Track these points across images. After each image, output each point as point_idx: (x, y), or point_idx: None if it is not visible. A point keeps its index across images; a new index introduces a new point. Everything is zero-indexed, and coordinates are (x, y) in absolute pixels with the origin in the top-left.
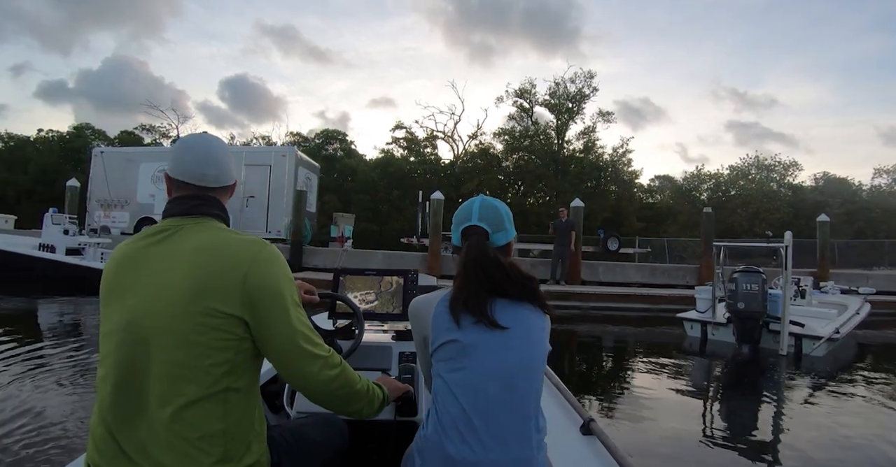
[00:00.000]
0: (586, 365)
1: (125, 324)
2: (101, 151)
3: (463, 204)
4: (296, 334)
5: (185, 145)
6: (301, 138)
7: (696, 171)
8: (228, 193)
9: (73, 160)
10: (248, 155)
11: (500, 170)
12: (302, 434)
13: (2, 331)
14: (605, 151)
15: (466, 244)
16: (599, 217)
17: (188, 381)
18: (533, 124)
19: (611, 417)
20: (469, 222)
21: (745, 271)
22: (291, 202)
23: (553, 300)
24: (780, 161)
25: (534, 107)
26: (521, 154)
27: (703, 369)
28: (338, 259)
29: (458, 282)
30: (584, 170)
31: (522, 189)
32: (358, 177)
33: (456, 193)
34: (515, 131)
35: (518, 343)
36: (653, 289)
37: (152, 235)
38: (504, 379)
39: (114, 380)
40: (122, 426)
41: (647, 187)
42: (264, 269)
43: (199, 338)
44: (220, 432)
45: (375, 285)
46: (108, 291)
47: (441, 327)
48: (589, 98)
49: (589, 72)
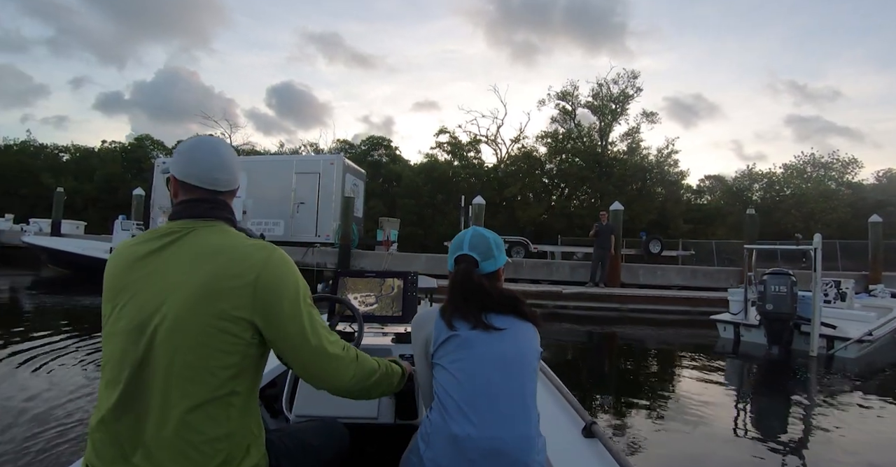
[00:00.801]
0: (610, 366)
1: (134, 325)
2: (164, 161)
3: (457, 235)
4: (310, 335)
5: (195, 149)
6: (347, 145)
7: (748, 170)
8: (233, 196)
9: (134, 169)
10: (298, 163)
11: (544, 173)
12: (301, 438)
13: (87, 325)
14: (649, 152)
15: (456, 270)
16: (644, 219)
17: (195, 384)
18: (576, 126)
19: (625, 418)
20: (460, 251)
21: (773, 273)
22: (339, 208)
23: (591, 301)
24: (839, 158)
25: (576, 109)
26: (564, 156)
27: (728, 370)
28: (383, 262)
29: (446, 302)
30: (629, 172)
31: (566, 191)
32: (403, 182)
33: (499, 197)
34: (558, 134)
35: (511, 338)
36: (693, 292)
37: (163, 237)
38: (501, 366)
39: (118, 382)
40: (125, 428)
41: (697, 188)
42: (275, 273)
43: (208, 340)
44: (224, 436)
45: (375, 287)
46: (115, 291)
47: (443, 328)
48: (633, 98)
49: (632, 72)
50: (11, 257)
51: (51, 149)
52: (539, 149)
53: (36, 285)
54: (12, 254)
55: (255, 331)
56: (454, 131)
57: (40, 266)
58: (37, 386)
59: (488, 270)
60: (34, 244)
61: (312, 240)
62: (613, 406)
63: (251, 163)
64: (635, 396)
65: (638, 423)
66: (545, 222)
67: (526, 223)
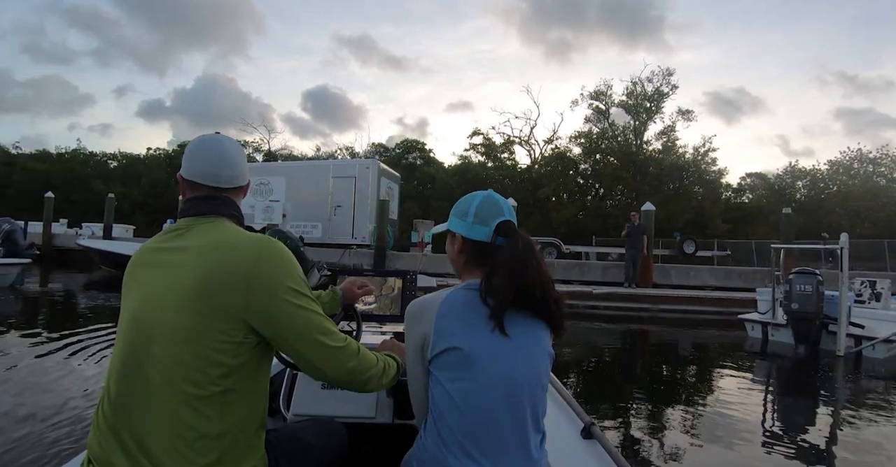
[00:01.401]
0: (630, 365)
1: (131, 319)
2: None
3: (475, 195)
4: (309, 328)
5: (199, 146)
6: (382, 148)
7: (790, 167)
8: (242, 193)
9: (177, 174)
10: (334, 168)
11: (578, 174)
12: (299, 438)
13: None
14: (686, 151)
15: (514, 241)
16: (681, 219)
17: (187, 380)
18: (610, 126)
19: (638, 418)
20: (503, 217)
21: (799, 272)
22: (375, 210)
23: (622, 302)
24: (888, 153)
25: (610, 108)
26: (598, 156)
27: (751, 369)
28: (418, 263)
29: (504, 282)
30: (664, 171)
31: (601, 192)
32: (437, 184)
33: (532, 198)
34: (592, 134)
35: (523, 354)
36: (726, 293)
37: (166, 234)
38: (507, 391)
39: (118, 373)
40: (123, 419)
41: (737, 186)
42: (269, 267)
43: (199, 336)
44: (216, 434)
45: (375, 286)
46: (124, 286)
47: (443, 331)
48: (668, 96)
49: (667, 69)
50: (67, 259)
51: (100, 156)
52: (573, 149)
53: (89, 285)
54: (67, 256)
55: (249, 329)
56: (488, 133)
57: (93, 267)
58: (91, 371)
59: None
60: (88, 247)
61: (349, 241)
62: (629, 405)
63: (290, 168)
64: (651, 396)
65: (651, 423)
66: (579, 223)
67: (560, 224)
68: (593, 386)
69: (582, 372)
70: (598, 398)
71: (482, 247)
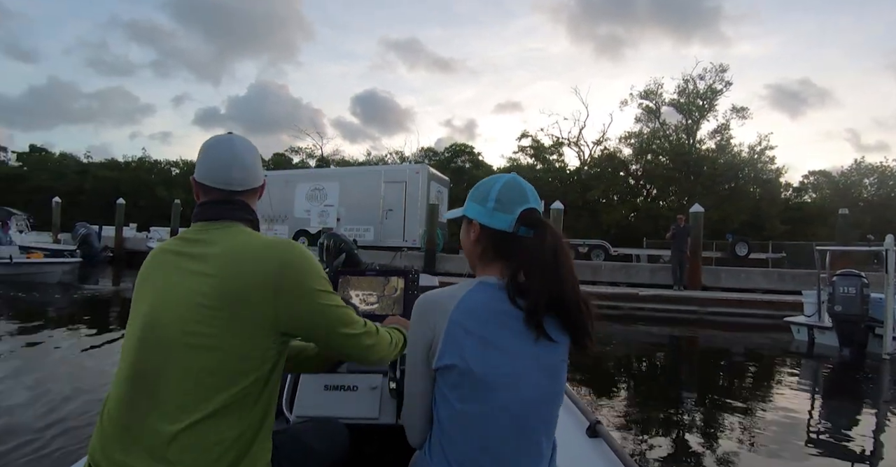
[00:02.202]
0: (667, 366)
1: (147, 326)
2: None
3: (498, 178)
4: (334, 324)
5: (210, 148)
6: (431, 152)
7: (856, 164)
8: (257, 195)
9: None
10: (385, 173)
11: (628, 175)
12: (302, 440)
13: None
14: (741, 149)
15: (541, 232)
16: (736, 220)
17: (211, 388)
18: (661, 125)
19: (661, 416)
20: (528, 204)
21: (843, 275)
22: (425, 214)
23: (668, 304)
24: None
25: (661, 107)
26: (649, 157)
27: (792, 371)
28: (467, 266)
29: (534, 282)
30: (718, 171)
31: (653, 193)
32: None
33: (582, 199)
34: (643, 134)
35: (545, 372)
36: (776, 295)
37: (181, 239)
38: (520, 413)
39: (130, 380)
40: (134, 427)
41: (799, 185)
42: (294, 272)
43: (223, 344)
44: (235, 437)
45: (378, 286)
46: (138, 287)
47: (456, 342)
48: (721, 94)
49: (720, 65)
50: (136, 261)
51: (163, 164)
52: (623, 150)
53: None
54: (138, 257)
55: (277, 334)
56: (536, 135)
57: None
58: None
59: None
60: None
61: (400, 244)
62: (659, 406)
63: (343, 173)
64: (684, 398)
65: (674, 425)
66: (630, 225)
67: (610, 226)
68: (622, 386)
69: (613, 372)
70: (626, 398)
71: (503, 238)
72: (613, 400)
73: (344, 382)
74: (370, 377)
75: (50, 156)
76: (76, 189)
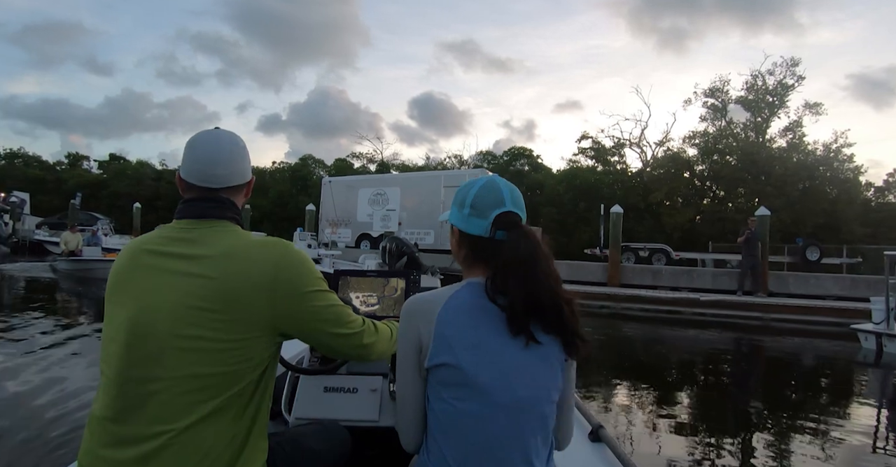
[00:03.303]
0: (719, 372)
1: (134, 330)
2: (329, 181)
3: (475, 182)
4: (330, 324)
5: (193, 144)
6: (490, 156)
7: None
8: (243, 193)
9: (299, 186)
10: (446, 178)
11: (693, 176)
12: (301, 442)
13: None
14: (815, 147)
15: (515, 235)
16: (809, 223)
17: (204, 390)
18: (728, 124)
19: (705, 422)
20: (503, 207)
21: None
22: None
23: (731, 310)
24: None
25: (727, 105)
26: (716, 157)
27: (856, 381)
28: None
29: (514, 282)
30: (790, 171)
31: (720, 194)
32: (545, 191)
33: (644, 202)
34: (708, 133)
35: (534, 371)
36: (847, 303)
37: (164, 237)
38: (514, 411)
39: (118, 386)
40: (125, 433)
41: (884, 184)
42: (289, 273)
43: (218, 346)
44: (229, 440)
45: (378, 287)
46: (114, 293)
47: (445, 342)
48: (793, 89)
49: (791, 59)
50: None
51: None
52: (687, 150)
53: None
54: None
55: (273, 334)
56: (597, 136)
57: None
58: None
59: None
60: None
61: None
62: (710, 412)
63: (404, 178)
64: (736, 406)
65: (729, 433)
66: (695, 228)
67: (673, 229)
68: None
69: (662, 376)
70: (677, 403)
71: (480, 242)
72: (661, 405)
73: (344, 384)
74: (370, 379)
75: (128, 163)
76: (153, 194)
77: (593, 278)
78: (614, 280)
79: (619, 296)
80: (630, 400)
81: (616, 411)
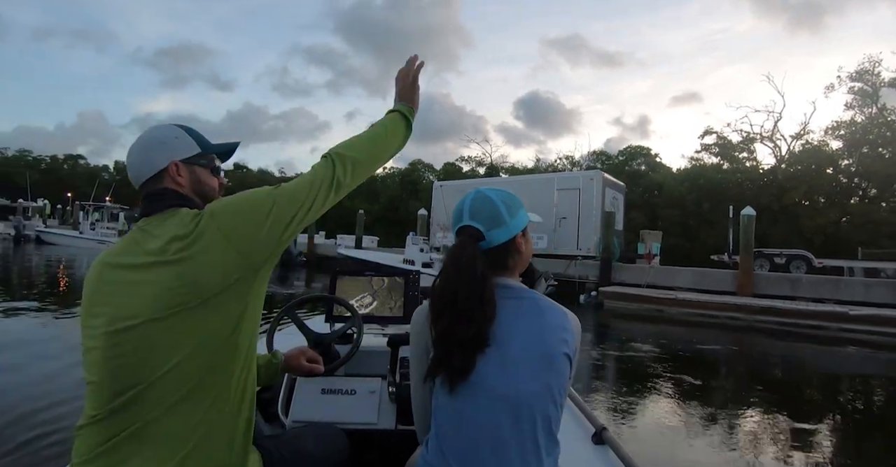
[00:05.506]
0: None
1: (115, 330)
2: (441, 185)
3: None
4: (300, 199)
5: (128, 153)
6: (604, 156)
7: None
8: (173, 175)
9: (409, 190)
10: (559, 180)
11: (838, 172)
12: (298, 445)
13: None
14: None
15: (451, 248)
16: None
17: (190, 381)
18: (880, 111)
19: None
20: (461, 223)
21: None
22: (600, 221)
23: (888, 327)
24: None
25: (879, 89)
26: (866, 150)
27: None
28: (646, 275)
29: (431, 301)
30: None
31: (871, 193)
32: (664, 192)
33: (778, 203)
34: (856, 123)
35: (530, 367)
36: None
37: (129, 241)
38: (513, 410)
39: (103, 384)
40: (117, 440)
41: None
42: (229, 212)
43: (195, 339)
44: (217, 430)
45: (376, 287)
46: (90, 301)
47: None
48: None
49: None
50: (326, 264)
51: None
52: (830, 143)
53: None
54: (327, 263)
55: (250, 268)
56: (722, 131)
57: None
58: None
59: (499, 240)
60: (347, 255)
61: (574, 253)
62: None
63: (515, 182)
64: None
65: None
66: (840, 231)
67: (813, 233)
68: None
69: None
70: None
71: None
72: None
73: (342, 386)
74: (368, 381)
75: (250, 172)
76: None
77: (721, 287)
78: (746, 289)
79: (750, 307)
80: (765, 430)
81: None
